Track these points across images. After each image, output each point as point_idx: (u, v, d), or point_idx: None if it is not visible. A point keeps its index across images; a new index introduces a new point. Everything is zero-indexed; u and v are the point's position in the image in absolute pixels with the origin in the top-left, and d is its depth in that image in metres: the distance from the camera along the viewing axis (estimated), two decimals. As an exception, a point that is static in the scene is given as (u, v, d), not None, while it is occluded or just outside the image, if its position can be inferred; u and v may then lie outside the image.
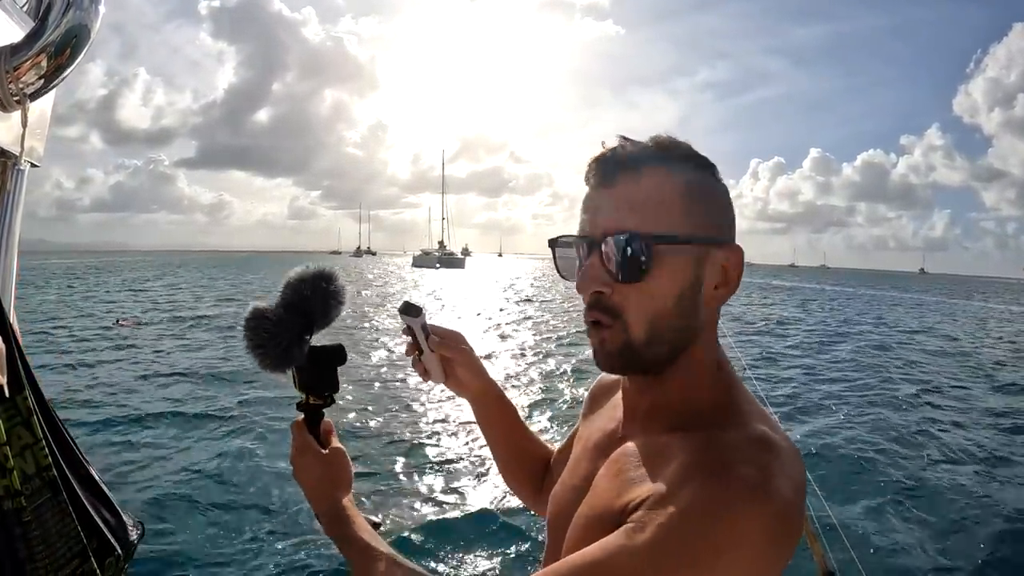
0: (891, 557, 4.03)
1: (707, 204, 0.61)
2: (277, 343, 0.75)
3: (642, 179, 0.59)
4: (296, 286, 0.78)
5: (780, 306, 29.34)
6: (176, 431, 6.49)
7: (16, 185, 0.71)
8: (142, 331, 13.79)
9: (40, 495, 0.63)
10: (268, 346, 0.75)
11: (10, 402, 0.60)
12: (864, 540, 4.13)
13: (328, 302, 0.79)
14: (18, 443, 0.61)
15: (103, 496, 0.77)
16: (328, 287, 0.79)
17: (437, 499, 4.96)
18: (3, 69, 0.64)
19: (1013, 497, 5.17)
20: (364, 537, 0.71)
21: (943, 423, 7.53)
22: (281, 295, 0.78)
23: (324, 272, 0.79)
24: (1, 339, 0.59)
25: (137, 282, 33.05)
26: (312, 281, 0.78)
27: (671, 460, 0.55)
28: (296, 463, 0.79)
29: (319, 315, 0.78)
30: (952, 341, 17.05)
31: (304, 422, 0.80)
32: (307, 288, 0.77)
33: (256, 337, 0.75)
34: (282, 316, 0.76)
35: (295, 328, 0.76)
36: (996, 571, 3.98)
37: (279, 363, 0.76)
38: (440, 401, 7.65)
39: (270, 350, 0.75)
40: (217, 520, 4.40)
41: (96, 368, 9.65)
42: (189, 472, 5.27)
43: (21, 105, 0.64)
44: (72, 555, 0.66)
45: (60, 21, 0.67)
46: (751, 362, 10.63)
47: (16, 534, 0.60)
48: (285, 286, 0.78)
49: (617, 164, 0.60)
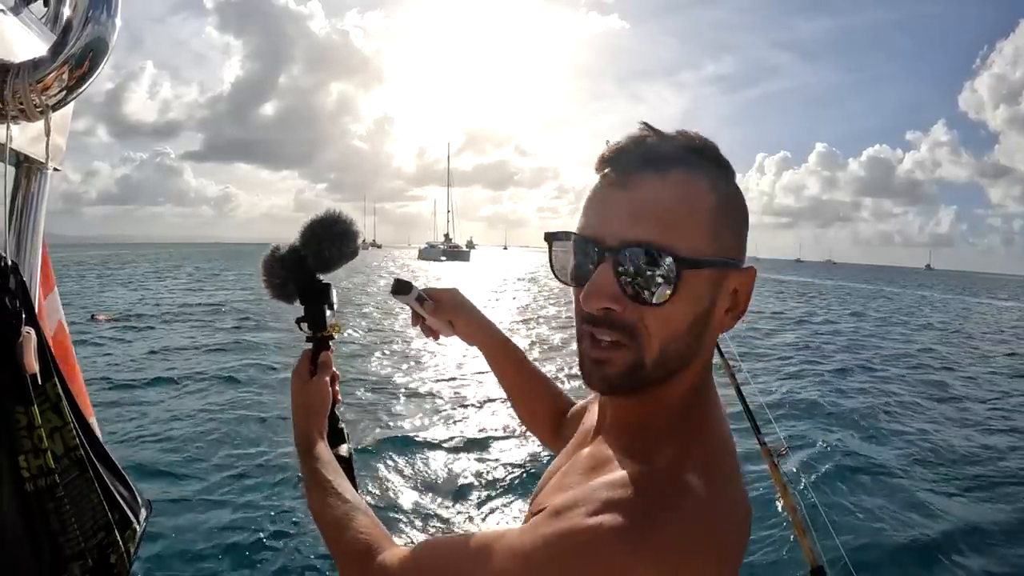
0: (880, 552, 4.07)
1: (734, 220, 0.55)
2: (285, 278, 0.84)
3: (669, 183, 0.52)
4: (312, 226, 0.84)
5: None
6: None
7: (40, 188, 0.77)
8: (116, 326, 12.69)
9: (69, 473, 0.69)
10: (276, 280, 0.84)
11: (41, 389, 0.66)
12: (853, 535, 4.15)
13: (338, 246, 0.84)
14: (48, 426, 0.67)
15: (119, 473, 0.84)
16: (342, 231, 0.84)
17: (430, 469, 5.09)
18: (27, 82, 0.69)
19: (1005, 492, 5.20)
20: (319, 466, 0.73)
21: (937, 418, 7.53)
22: (298, 236, 0.84)
23: (341, 218, 0.84)
24: (33, 331, 0.65)
25: (137, 277, 32.89)
26: (327, 224, 0.84)
27: (594, 477, 0.52)
28: (292, 378, 0.84)
29: (327, 258, 0.84)
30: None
31: (309, 352, 0.86)
32: (320, 229, 0.83)
33: (268, 271, 0.84)
34: (284, 254, 0.84)
35: (296, 265, 0.83)
36: (986, 567, 4.02)
37: (283, 296, 0.85)
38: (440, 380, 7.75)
39: (277, 284, 0.84)
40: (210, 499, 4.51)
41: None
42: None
43: (44, 115, 0.69)
44: (98, 527, 0.72)
45: (80, 36, 0.71)
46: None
47: (50, 508, 0.67)
48: (303, 228, 0.84)
49: (641, 160, 0.53)
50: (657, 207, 0.51)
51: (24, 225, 0.74)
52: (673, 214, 0.51)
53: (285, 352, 9.77)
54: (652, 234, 0.50)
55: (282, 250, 0.85)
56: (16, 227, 0.73)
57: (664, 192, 0.52)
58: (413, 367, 9.18)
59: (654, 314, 0.52)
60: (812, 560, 1.72)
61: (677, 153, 0.53)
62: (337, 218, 0.85)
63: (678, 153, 0.53)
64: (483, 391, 7.56)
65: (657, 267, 0.50)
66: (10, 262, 0.64)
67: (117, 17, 0.76)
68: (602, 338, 0.53)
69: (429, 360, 9.63)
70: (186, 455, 5.26)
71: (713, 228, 0.52)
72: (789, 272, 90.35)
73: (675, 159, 0.53)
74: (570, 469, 0.59)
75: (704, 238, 0.52)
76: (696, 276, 0.51)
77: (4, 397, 0.62)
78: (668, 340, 0.53)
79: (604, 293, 0.52)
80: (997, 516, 4.70)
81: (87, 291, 21.33)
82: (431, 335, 0.96)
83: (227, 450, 5.41)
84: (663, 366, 0.53)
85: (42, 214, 0.77)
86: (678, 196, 0.52)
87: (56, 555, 0.67)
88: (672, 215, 0.51)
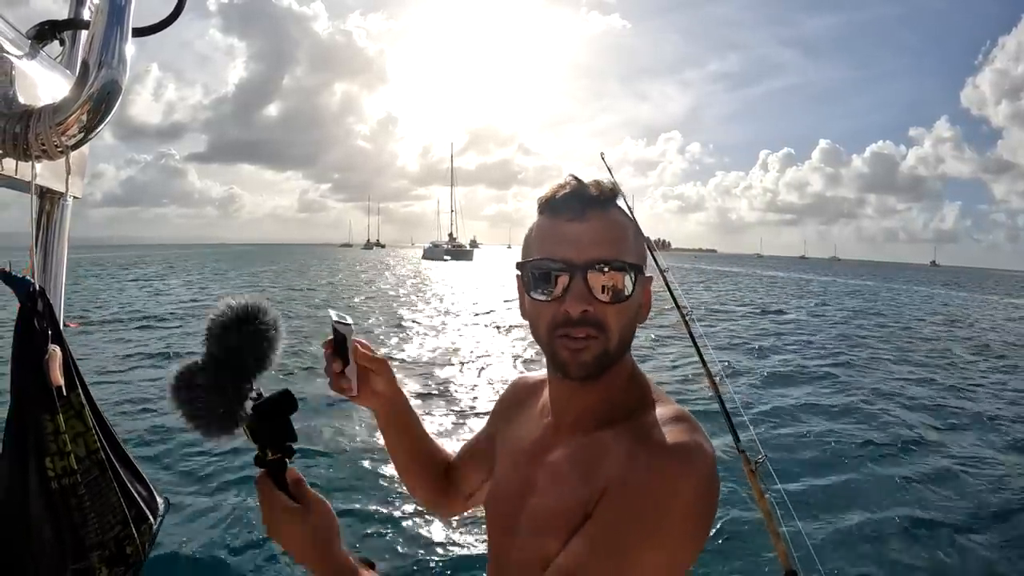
0: (853, 556, 4.06)
1: (640, 239, 0.74)
2: (213, 411, 0.66)
3: (611, 216, 0.71)
4: (220, 336, 0.67)
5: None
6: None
7: (62, 215, 0.85)
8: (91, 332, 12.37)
9: (90, 473, 0.77)
10: (203, 417, 0.66)
11: (66, 399, 0.75)
12: (827, 539, 4.17)
13: (261, 345, 0.69)
14: (73, 431, 0.75)
15: (137, 473, 0.92)
16: (257, 327, 0.69)
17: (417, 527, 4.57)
18: (47, 125, 0.76)
19: (983, 497, 5.15)
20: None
21: (915, 423, 7.38)
22: (206, 348, 0.68)
23: (248, 310, 0.69)
24: (58, 348, 0.73)
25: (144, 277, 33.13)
26: (237, 326, 0.68)
27: (611, 451, 0.65)
28: (272, 526, 0.69)
29: (254, 363, 0.69)
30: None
31: (268, 476, 0.71)
32: (233, 337, 0.67)
33: (189, 408, 0.66)
34: (212, 378, 0.66)
35: (230, 387, 0.67)
36: (960, 570, 4.01)
37: (222, 430, 0.67)
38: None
39: (207, 420, 0.66)
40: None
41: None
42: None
43: (64, 155, 0.77)
44: (116, 521, 0.81)
45: (95, 80, 0.79)
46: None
47: (72, 504, 0.75)
48: (208, 336, 0.68)
49: (589, 200, 0.70)
50: (609, 233, 0.70)
51: (49, 251, 0.82)
52: (618, 237, 0.71)
53: (287, 352, 9.86)
54: (611, 252, 0.69)
55: (199, 372, 0.66)
56: (41, 254, 0.81)
57: (609, 222, 0.71)
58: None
59: (615, 311, 0.69)
60: (786, 564, 1.77)
61: (607, 195, 0.72)
62: (252, 312, 0.69)
63: (607, 195, 0.72)
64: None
65: (620, 275, 0.69)
66: (38, 287, 0.72)
67: (127, 61, 0.84)
68: (578, 335, 0.68)
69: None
70: (199, 452, 5.40)
71: (637, 246, 0.73)
72: (793, 269, 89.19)
73: (609, 200, 0.72)
74: (567, 470, 0.69)
75: (635, 253, 0.72)
76: (640, 280, 0.71)
77: (34, 407, 0.71)
78: (623, 330, 0.70)
79: (583, 298, 0.67)
80: (983, 526, 4.63)
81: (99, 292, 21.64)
82: (343, 390, 0.87)
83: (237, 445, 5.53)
84: (619, 351, 0.70)
85: (65, 240, 0.85)
86: (618, 225, 0.72)
87: (77, 545, 0.75)
88: (618, 238, 0.70)
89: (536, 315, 0.72)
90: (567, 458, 0.71)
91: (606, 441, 0.68)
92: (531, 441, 0.78)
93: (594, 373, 0.69)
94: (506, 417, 0.88)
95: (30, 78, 0.81)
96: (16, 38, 0.79)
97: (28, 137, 0.73)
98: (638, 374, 0.75)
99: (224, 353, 0.67)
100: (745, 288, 34.24)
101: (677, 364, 9.91)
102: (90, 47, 0.83)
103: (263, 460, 0.71)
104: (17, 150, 0.70)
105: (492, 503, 0.80)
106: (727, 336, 13.84)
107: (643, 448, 0.63)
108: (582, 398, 0.73)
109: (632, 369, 0.75)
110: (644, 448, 0.63)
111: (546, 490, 0.70)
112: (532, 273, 0.71)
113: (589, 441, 0.70)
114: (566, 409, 0.75)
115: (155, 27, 0.94)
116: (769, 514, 1.79)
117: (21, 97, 0.76)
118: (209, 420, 0.66)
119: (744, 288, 34.19)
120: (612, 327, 0.69)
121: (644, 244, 0.75)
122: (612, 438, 0.67)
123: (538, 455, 0.75)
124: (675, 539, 0.58)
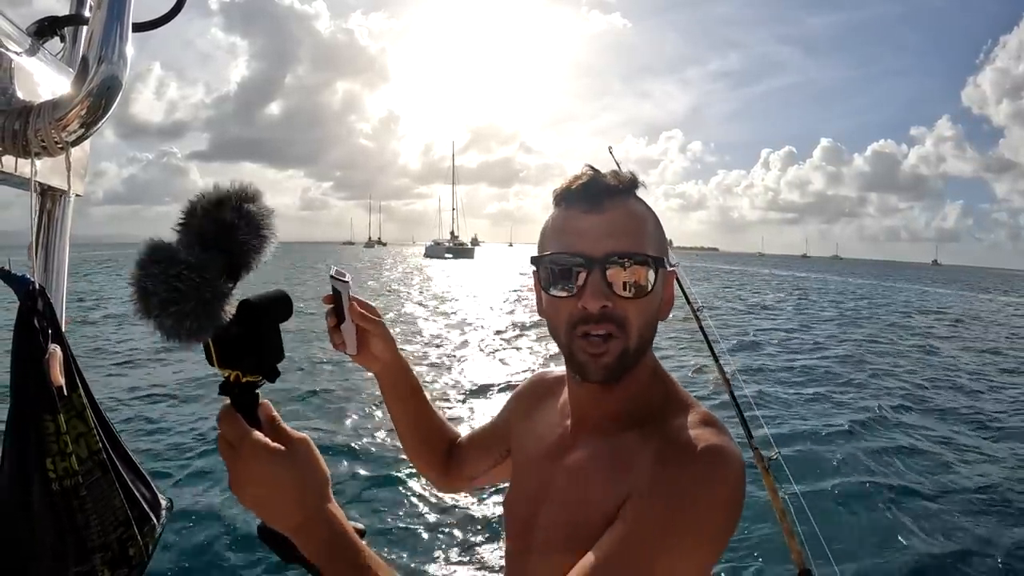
0: (868, 555, 4.05)
1: (661, 232, 0.70)
2: (199, 296, 0.49)
3: (630, 207, 0.67)
4: (213, 211, 0.53)
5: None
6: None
7: (63, 213, 0.84)
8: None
9: (92, 474, 0.76)
10: (186, 301, 0.48)
11: (67, 399, 0.74)
12: (843, 538, 4.14)
13: (260, 232, 0.56)
14: (74, 432, 0.74)
15: (140, 474, 0.91)
16: (256, 209, 0.56)
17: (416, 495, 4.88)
18: (47, 121, 0.75)
19: (1009, 497, 5.12)
20: (366, 560, 0.53)
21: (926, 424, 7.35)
22: (187, 224, 0.53)
23: (248, 190, 0.56)
24: (59, 347, 0.72)
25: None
26: (236, 202, 0.54)
27: (639, 453, 0.62)
28: (242, 478, 0.53)
29: (246, 252, 0.55)
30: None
31: (234, 409, 0.55)
32: (231, 212, 0.54)
33: (165, 288, 0.48)
34: (200, 254, 0.50)
35: (218, 272, 0.51)
36: (974, 570, 3.99)
37: (200, 326, 0.50)
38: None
39: (190, 307, 0.49)
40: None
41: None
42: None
43: (64, 151, 0.76)
44: (118, 523, 0.80)
45: (95, 76, 0.78)
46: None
47: (74, 505, 0.74)
48: (192, 211, 0.54)
49: (607, 191, 0.67)
50: (628, 225, 0.67)
51: (49, 250, 0.81)
52: (638, 229, 0.67)
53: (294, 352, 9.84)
54: (630, 245, 0.65)
55: (180, 247, 0.51)
56: (43, 252, 0.80)
57: (627, 214, 0.67)
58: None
59: (636, 306, 0.65)
60: (800, 563, 1.76)
61: (626, 186, 0.69)
62: (252, 193, 0.57)
63: (626, 186, 0.69)
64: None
65: (640, 268, 0.65)
66: (38, 285, 0.71)
67: (128, 56, 0.83)
68: (598, 332, 0.65)
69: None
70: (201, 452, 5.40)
71: (657, 238, 0.69)
72: (796, 268, 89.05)
73: (627, 190, 0.69)
74: (592, 471, 0.67)
75: (655, 245, 0.68)
76: (662, 274, 0.67)
77: (34, 407, 0.70)
78: (644, 327, 0.67)
79: (602, 293, 0.64)
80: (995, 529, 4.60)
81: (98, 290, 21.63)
82: (339, 345, 0.85)
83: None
84: (641, 350, 0.67)
85: (66, 238, 0.84)
86: (637, 216, 0.68)
87: (80, 547, 0.74)
88: (638, 230, 0.67)
89: (553, 312, 0.68)
90: (588, 461, 0.68)
91: (630, 444, 0.65)
92: (550, 442, 0.75)
93: (615, 376, 0.66)
94: (523, 412, 0.85)
95: (30, 74, 0.80)
96: (16, 34, 0.78)
97: (27, 133, 0.72)
98: (660, 372, 0.72)
99: (216, 229, 0.53)
100: (746, 287, 34.13)
101: (681, 357, 9.89)
102: (90, 42, 0.82)
103: (232, 385, 0.54)
104: (16, 146, 0.69)
105: (509, 507, 0.78)
106: (734, 333, 13.81)
107: (672, 452, 0.61)
108: (603, 400, 0.70)
109: (654, 367, 0.72)
110: (673, 452, 0.61)
111: (566, 496, 0.67)
112: (548, 268, 0.68)
113: (612, 444, 0.67)
114: (587, 411, 0.72)
115: (156, 22, 0.93)
116: (783, 512, 1.78)
117: (21, 93, 0.75)
118: (187, 310, 0.49)
119: (745, 287, 34.07)
120: (633, 324, 0.65)
121: (665, 236, 0.70)
122: (637, 441, 0.65)
123: (557, 457, 0.72)
124: (705, 545, 0.57)
